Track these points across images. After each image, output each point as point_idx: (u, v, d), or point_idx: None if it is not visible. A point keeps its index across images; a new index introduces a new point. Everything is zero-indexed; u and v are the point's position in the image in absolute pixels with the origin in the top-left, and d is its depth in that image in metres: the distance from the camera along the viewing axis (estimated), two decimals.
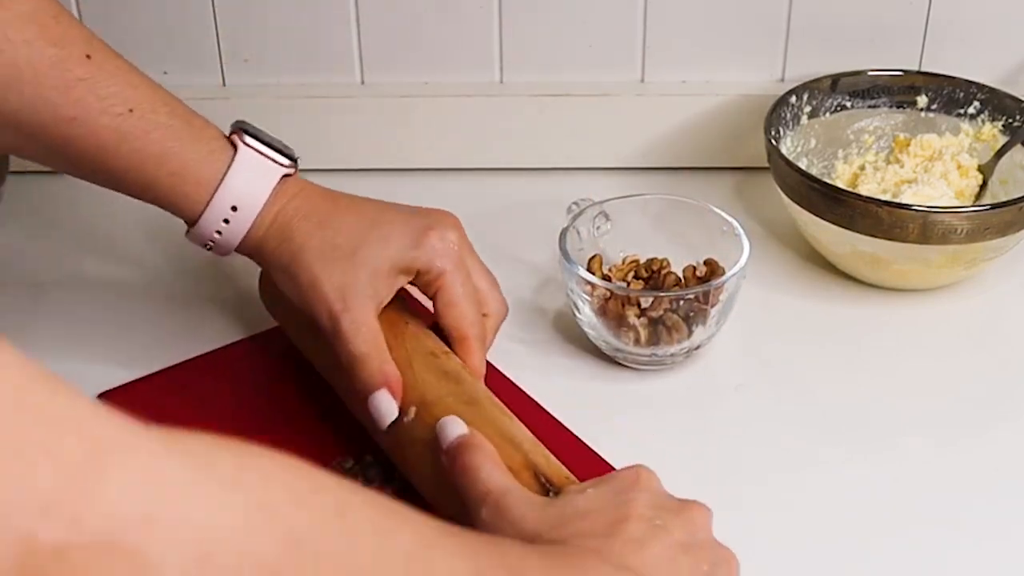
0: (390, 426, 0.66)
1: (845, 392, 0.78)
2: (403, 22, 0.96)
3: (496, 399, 0.67)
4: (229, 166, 0.70)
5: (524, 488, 0.58)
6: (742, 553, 0.66)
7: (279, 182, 0.71)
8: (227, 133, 0.72)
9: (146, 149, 0.68)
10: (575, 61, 0.98)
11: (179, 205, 0.70)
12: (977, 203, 0.89)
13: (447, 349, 0.70)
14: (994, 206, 0.80)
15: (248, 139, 0.71)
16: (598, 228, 0.83)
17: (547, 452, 0.64)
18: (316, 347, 0.73)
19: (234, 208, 0.69)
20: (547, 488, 0.60)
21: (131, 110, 0.68)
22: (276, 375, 0.78)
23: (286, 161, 0.72)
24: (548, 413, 0.75)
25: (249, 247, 0.71)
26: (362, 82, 0.99)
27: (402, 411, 0.66)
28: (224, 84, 0.99)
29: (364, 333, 0.67)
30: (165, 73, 0.98)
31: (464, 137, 0.99)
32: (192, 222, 0.71)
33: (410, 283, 0.72)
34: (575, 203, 0.83)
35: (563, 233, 0.79)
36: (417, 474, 0.66)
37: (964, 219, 0.79)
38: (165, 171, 0.69)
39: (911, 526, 0.68)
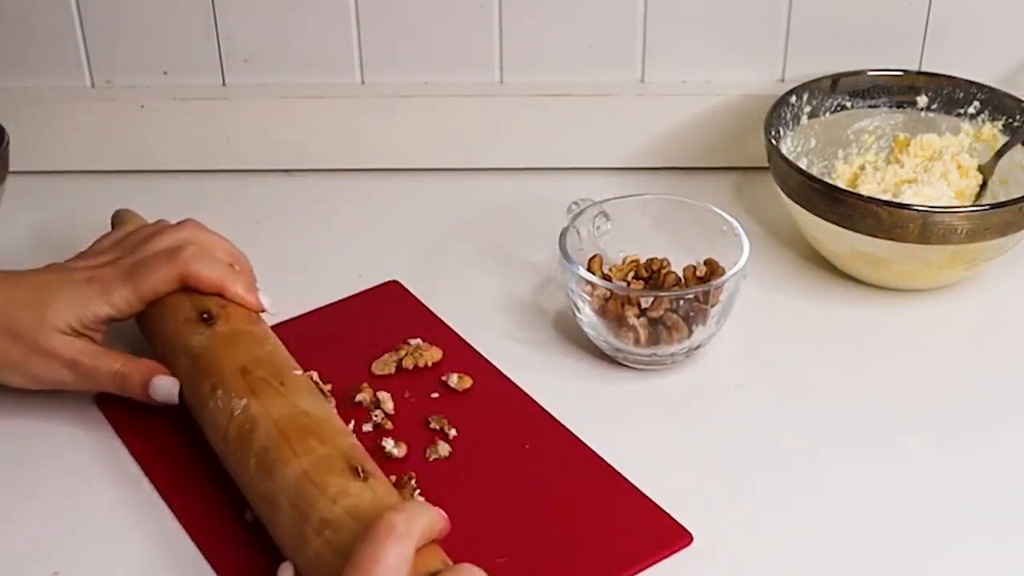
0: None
1: (845, 392, 0.78)
2: (403, 22, 0.96)
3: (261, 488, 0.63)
4: None
5: None
6: (742, 553, 0.66)
7: None
8: None
9: None
10: (575, 61, 0.98)
11: None
12: (977, 203, 0.89)
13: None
14: (994, 206, 0.80)
15: None
16: (598, 228, 0.83)
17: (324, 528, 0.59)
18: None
19: None
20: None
21: None
22: None
23: None
24: (548, 413, 0.75)
25: None
26: (362, 82, 0.99)
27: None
28: (224, 84, 0.99)
29: (97, 361, 0.72)
30: (165, 73, 0.99)
31: (464, 137, 0.99)
32: None
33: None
34: (575, 203, 0.83)
35: (563, 233, 0.79)
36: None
37: (964, 219, 0.79)
38: None
39: (911, 526, 0.68)
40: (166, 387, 0.72)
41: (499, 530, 0.66)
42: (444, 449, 0.71)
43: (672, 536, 0.66)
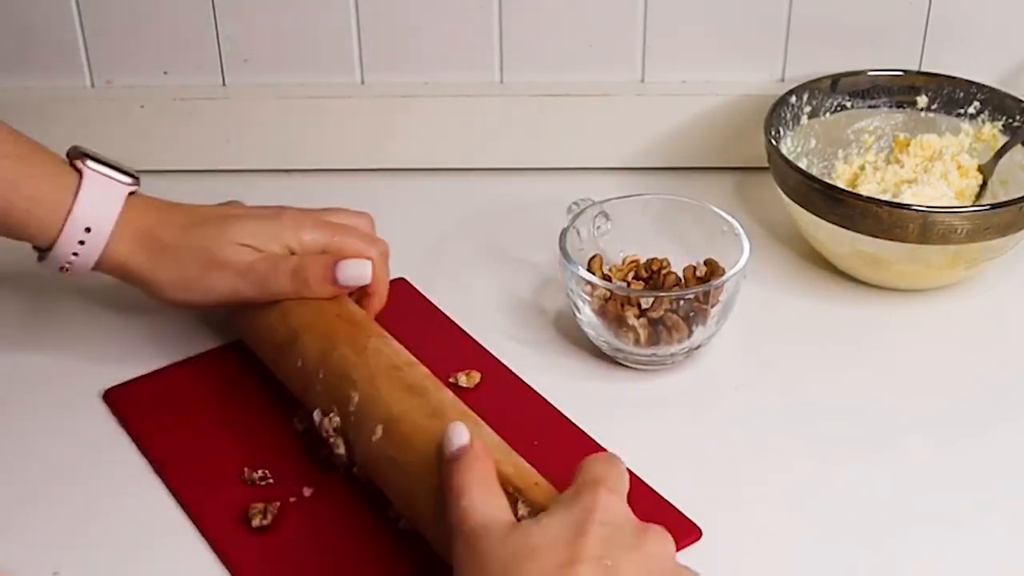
0: (355, 449, 0.67)
1: (845, 392, 0.78)
2: (403, 22, 0.96)
3: (464, 406, 0.66)
4: (77, 189, 0.72)
5: (500, 520, 0.56)
6: (742, 553, 0.66)
7: (126, 200, 0.74)
8: (67, 160, 0.74)
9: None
10: (575, 61, 0.98)
11: (33, 230, 0.72)
12: (977, 203, 0.89)
13: (410, 359, 0.70)
14: (994, 206, 0.80)
15: (90, 163, 0.73)
16: (598, 228, 0.83)
17: (517, 460, 0.63)
18: (279, 359, 0.74)
19: (88, 229, 0.72)
20: (516, 499, 0.59)
21: None
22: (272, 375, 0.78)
23: (128, 179, 0.75)
24: (557, 409, 0.75)
25: (110, 265, 0.74)
26: (362, 82, 0.99)
27: (370, 430, 0.66)
28: (224, 84, 0.99)
29: (273, 262, 0.74)
30: (165, 73, 0.99)
31: (464, 137, 0.99)
32: (47, 247, 0.73)
33: None
34: (575, 203, 0.83)
35: (563, 233, 0.79)
36: (391, 492, 0.65)
37: (964, 219, 0.79)
38: (19, 196, 0.71)
39: (911, 526, 0.68)
40: (359, 267, 0.74)
41: None
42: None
43: (682, 530, 0.66)
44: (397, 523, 0.66)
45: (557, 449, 0.71)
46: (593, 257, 0.80)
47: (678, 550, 0.64)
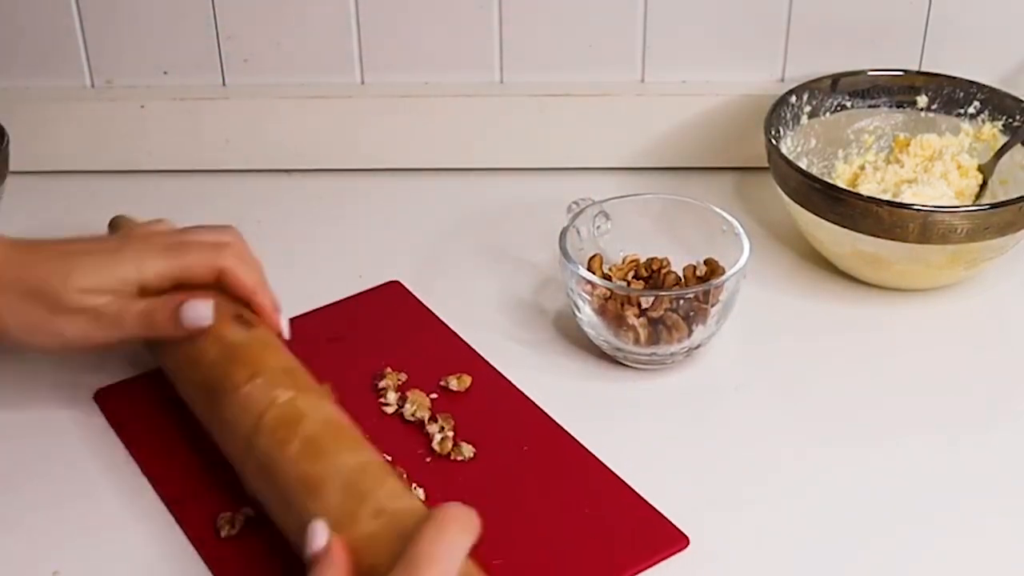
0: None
1: (845, 392, 0.78)
2: (403, 22, 0.96)
3: (304, 468, 0.62)
4: None
5: None
6: (742, 552, 0.66)
7: None
8: None
9: None
10: (575, 61, 0.98)
11: None
12: (977, 203, 0.89)
13: (258, 411, 0.65)
14: (994, 206, 0.80)
15: None
16: (598, 228, 0.83)
17: (367, 511, 0.59)
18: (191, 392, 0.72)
19: None
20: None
21: None
22: None
23: None
24: (547, 415, 0.75)
25: None
26: (362, 82, 0.99)
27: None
28: (224, 84, 0.99)
29: (121, 306, 0.70)
30: (165, 73, 0.99)
31: (464, 137, 0.99)
32: None
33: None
34: (575, 203, 0.83)
35: (563, 233, 0.79)
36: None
37: (964, 219, 0.79)
38: None
39: (911, 526, 0.68)
40: (198, 310, 0.70)
41: (496, 532, 0.66)
42: (443, 448, 0.71)
43: (668, 539, 0.65)
44: None
45: (545, 455, 0.71)
46: (593, 257, 0.80)
47: (664, 558, 0.65)
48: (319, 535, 0.58)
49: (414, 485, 0.69)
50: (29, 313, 0.70)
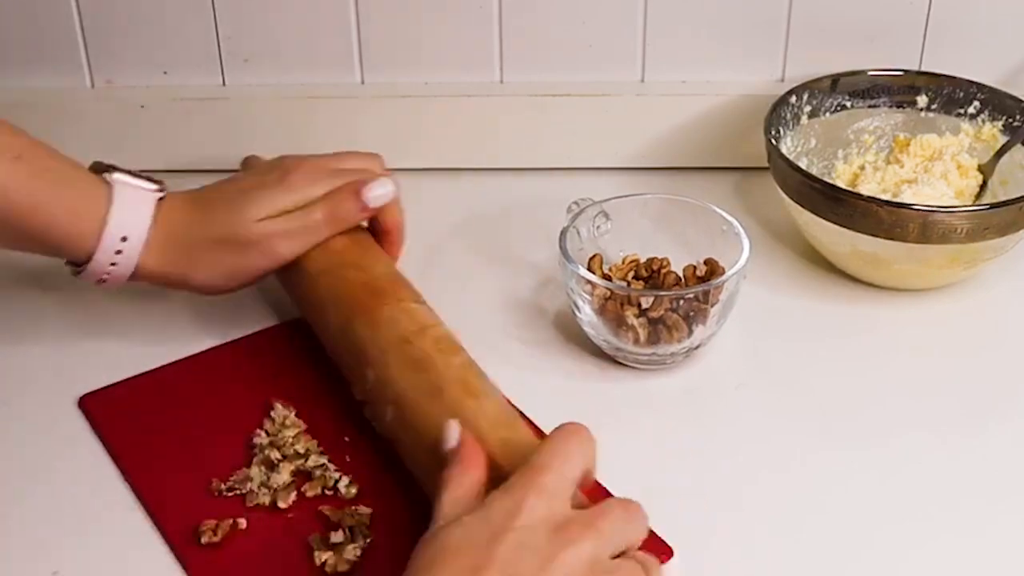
0: (378, 426, 0.70)
1: (845, 392, 0.78)
2: (403, 22, 0.96)
3: (468, 376, 0.68)
4: (111, 201, 0.74)
5: (466, 519, 0.56)
6: (742, 552, 0.66)
7: (156, 206, 0.75)
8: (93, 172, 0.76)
9: (39, 192, 0.72)
10: (575, 61, 0.98)
11: (73, 243, 0.74)
12: (977, 203, 0.89)
13: (423, 324, 0.71)
14: (994, 206, 0.80)
15: (117, 175, 0.75)
16: (598, 228, 0.83)
17: (508, 433, 0.64)
18: (318, 328, 0.77)
19: (124, 239, 0.74)
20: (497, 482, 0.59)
21: (19, 156, 0.72)
22: (259, 378, 0.77)
23: (154, 187, 0.76)
24: (531, 422, 0.74)
25: (147, 272, 0.76)
26: (362, 82, 0.99)
27: (383, 411, 0.68)
28: (224, 84, 0.99)
29: (303, 218, 0.77)
30: (165, 73, 0.99)
31: (464, 137, 0.99)
32: (85, 259, 0.74)
33: None
34: (575, 203, 0.83)
35: (563, 233, 0.79)
36: (413, 469, 0.67)
37: (964, 219, 0.79)
38: (62, 210, 0.73)
39: (912, 525, 0.68)
40: (380, 187, 0.79)
41: None
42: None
43: (651, 549, 0.64)
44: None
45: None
46: (593, 256, 0.80)
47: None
48: (453, 432, 0.62)
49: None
50: (224, 261, 0.76)
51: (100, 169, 0.75)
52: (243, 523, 0.67)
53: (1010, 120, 0.91)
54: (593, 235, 0.83)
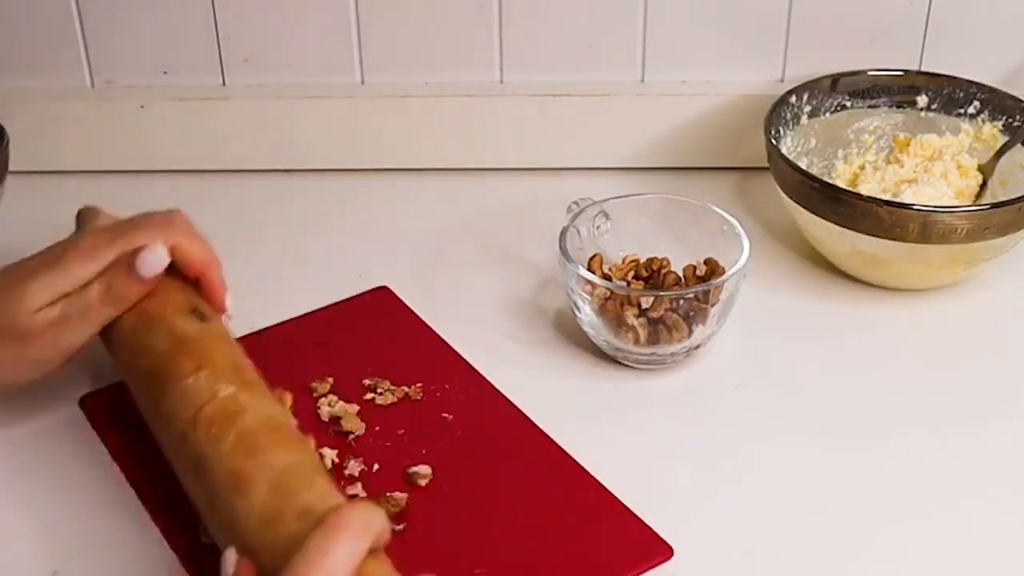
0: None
1: (845, 392, 0.78)
2: (403, 22, 0.96)
3: (236, 463, 0.60)
4: None
5: None
6: (742, 551, 0.66)
7: None
8: None
9: None
10: (575, 61, 0.98)
11: None
12: (977, 203, 0.89)
13: (196, 405, 0.63)
14: (994, 206, 0.80)
15: None
16: (598, 228, 0.83)
17: (276, 532, 0.57)
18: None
19: None
20: None
21: None
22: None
23: None
24: (535, 425, 0.74)
25: None
26: (362, 82, 0.99)
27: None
28: (224, 84, 0.99)
29: (81, 302, 0.68)
30: (165, 73, 0.99)
31: (464, 137, 0.99)
32: None
33: None
34: (575, 203, 0.83)
35: (563, 233, 0.79)
36: None
37: (964, 219, 0.79)
38: None
39: (912, 525, 0.68)
40: (152, 256, 0.68)
41: (477, 541, 0.66)
42: (424, 470, 0.70)
43: (652, 550, 0.65)
44: None
45: (529, 466, 0.71)
46: (593, 256, 0.80)
47: (647, 569, 0.64)
48: (229, 563, 0.57)
49: (388, 493, 0.68)
50: (4, 355, 0.69)
51: None
52: None
53: (1010, 120, 0.91)
54: (593, 235, 0.83)
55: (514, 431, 0.73)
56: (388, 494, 0.68)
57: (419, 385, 0.76)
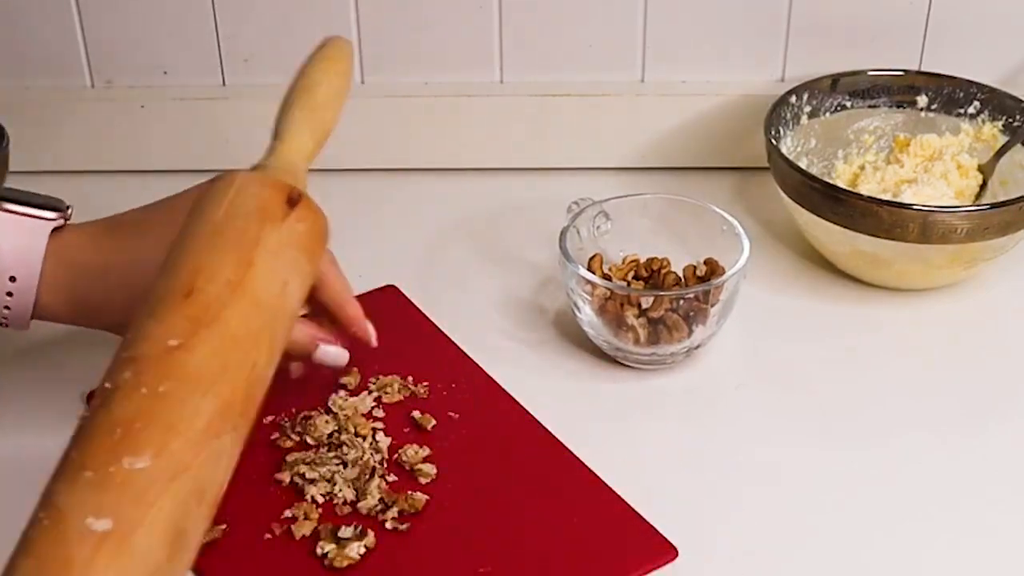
0: None
1: (845, 392, 0.78)
2: (403, 22, 0.96)
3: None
4: None
5: None
6: (743, 551, 0.66)
7: (50, 237, 0.67)
8: None
9: None
10: (575, 61, 0.98)
11: None
12: (977, 203, 0.89)
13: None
14: (994, 206, 0.80)
15: (6, 204, 0.67)
16: (598, 228, 0.83)
17: None
18: None
19: (12, 279, 0.66)
20: None
21: None
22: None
23: (51, 215, 0.68)
24: (539, 423, 0.74)
25: (52, 312, 0.68)
26: (362, 82, 0.99)
27: None
28: (224, 84, 0.99)
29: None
30: (165, 73, 0.99)
31: (464, 137, 0.99)
32: None
33: None
34: (575, 203, 0.83)
35: (563, 233, 0.79)
36: None
37: (964, 219, 0.79)
38: None
39: (912, 525, 0.68)
40: (336, 356, 0.71)
41: (482, 541, 0.66)
42: (428, 467, 0.70)
43: (657, 550, 0.65)
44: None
45: (534, 465, 0.71)
46: (593, 257, 0.80)
47: (652, 569, 0.64)
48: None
49: (409, 492, 0.68)
50: (137, 290, 0.64)
51: None
52: (276, 529, 0.66)
53: (1010, 120, 0.91)
54: (593, 235, 0.83)
55: (520, 431, 0.73)
56: (408, 493, 0.68)
57: (426, 384, 0.76)
